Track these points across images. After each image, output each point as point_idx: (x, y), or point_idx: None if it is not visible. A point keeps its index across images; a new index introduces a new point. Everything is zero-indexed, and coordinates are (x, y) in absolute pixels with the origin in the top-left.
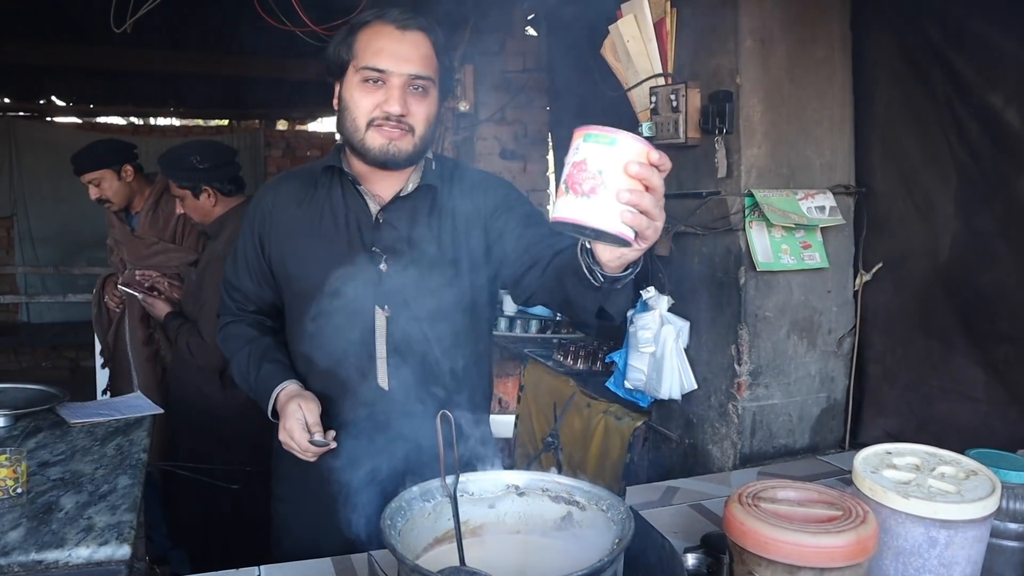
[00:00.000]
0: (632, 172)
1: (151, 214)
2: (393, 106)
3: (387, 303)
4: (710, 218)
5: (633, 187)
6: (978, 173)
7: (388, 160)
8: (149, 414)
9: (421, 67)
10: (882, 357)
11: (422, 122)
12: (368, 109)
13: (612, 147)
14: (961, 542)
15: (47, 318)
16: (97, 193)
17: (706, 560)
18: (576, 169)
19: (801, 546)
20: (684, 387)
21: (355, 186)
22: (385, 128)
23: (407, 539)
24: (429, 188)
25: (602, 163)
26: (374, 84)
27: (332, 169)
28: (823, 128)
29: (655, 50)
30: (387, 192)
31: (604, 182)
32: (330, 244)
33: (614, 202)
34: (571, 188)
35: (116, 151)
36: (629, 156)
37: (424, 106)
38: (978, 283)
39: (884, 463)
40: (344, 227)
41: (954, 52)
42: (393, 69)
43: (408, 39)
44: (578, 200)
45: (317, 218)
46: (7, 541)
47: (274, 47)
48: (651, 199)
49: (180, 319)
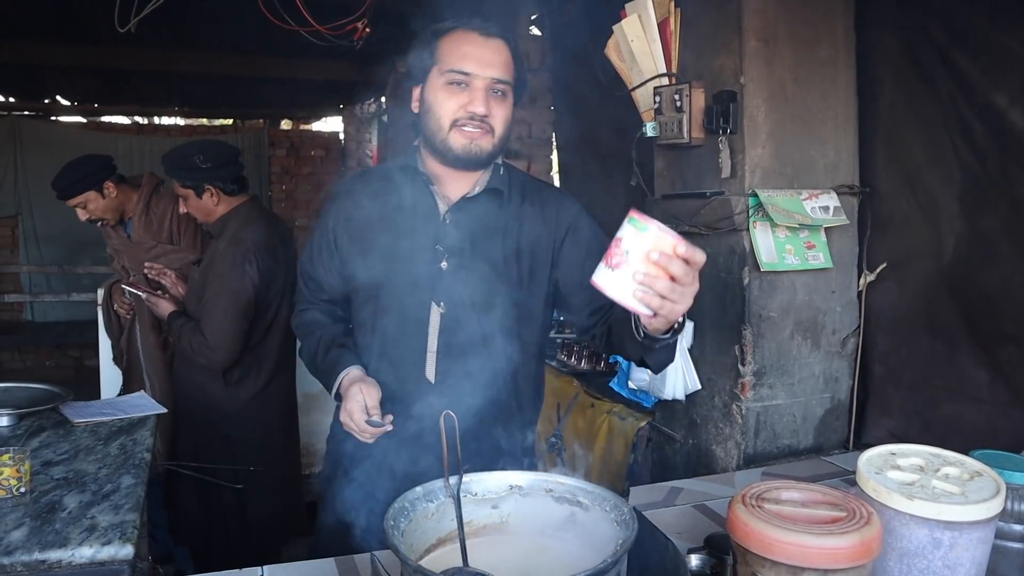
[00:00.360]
0: (653, 259)
1: (143, 217)
2: (478, 106)
3: (443, 300)
4: (714, 218)
5: (650, 271)
6: (982, 173)
7: (470, 159)
8: (153, 413)
9: (502, 72)
10: (886, 357)
11: (501, 124)
12: (453, 110)
13: (643, 233)
14: (965, 544)
15: (51, 317)
16: (87, 215)
17: (709, 561)
18: (614, 244)
19: (805, 547)
20: (688, 387)
21: (427, 186)
22: (467, 128)
23: (410, 539)
24: (495, 192)
25: (631, 245)
26: (459, 87)
27: (407, 169)
28: (827, 128)
29: (659, 50)
30: (456, 193)
31: (628, 261)
32: (397, 240)
33: (631, 280)
34: (606, 259)
35: (93, 172)
36: (654, 245)
37: (503, 109)
38: (982, 283)
39: (888, 464)
40: (412, 224)
41: (958, 52)
42: (477, 72)
43: (491, 45)
44: (606, 271)
45: (388, 214)
46: (10, 540)
47: (278, 47)
48: (666, 285)
49: (184, 318)
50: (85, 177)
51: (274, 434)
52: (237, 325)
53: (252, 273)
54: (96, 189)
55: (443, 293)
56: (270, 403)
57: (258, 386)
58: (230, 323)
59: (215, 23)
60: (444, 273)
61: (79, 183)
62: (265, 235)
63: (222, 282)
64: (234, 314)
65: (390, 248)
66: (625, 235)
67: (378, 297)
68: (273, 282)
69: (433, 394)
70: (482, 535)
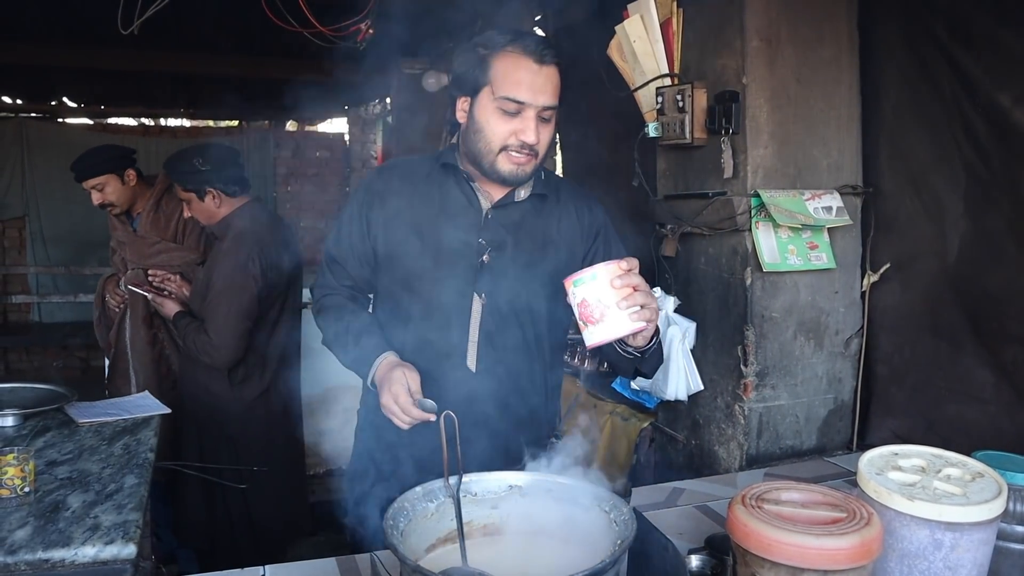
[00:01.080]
0: (617, 285)
1: (153, 214)
2: (530, 136)
3: (485, 291)
4: (716, 218)
5: (623, 294)
6: (987, 173)
7: (515, 181)
8: (156, 414)
9: (552, 98)
10: (890, 358)
11: (545, 146)
12: (504, 136)
13: (595, 280)
14: (967, 545)
15: (58, 318)
16: (100, 198)
17: (710, 562)
18: (583, 308)
19: (804, 548)
20: (690, 388)
21: (469, 183)
22: (516, 155)
23: (410, 540)
24: (540, 196)
25: (596, 294)
26: (512, 115)
27: (447, 166)
28: (830, 128)
29: (661, 50)
30: (497, 192)
31: (605, 305)
32: (440, 233)
33: (619, 312)
34: (588, 322)
35: (119, 156)
36: (609, 278)
37: (548, 132)
38: (987, 283)
39: (889, 465)
40: (453, 219)
41: (962, 51)
42: (531, 102)
43: (544, 73)
44: (598, 326)
45: (428, 208)
46: (14, 539)
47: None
48: (641, 295)
49: (189, 318)
50: (109, 160)
51: (278, 434)
52: (240, 324)
53: (255, 272)
54: (117, 173)
55: (485, 285)
56: (274, 402)
57: (262, 385)
58: (233, 322)
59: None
60: (487, 266)
61: (101, 165)
62: (267, 235)
63: (225, 282)
64: (237, 314)
65: (432, 239)
66: (585, 294)
67: (419, 286)
68: (276, 281)
69: (474, 382)
70: (482, 535)
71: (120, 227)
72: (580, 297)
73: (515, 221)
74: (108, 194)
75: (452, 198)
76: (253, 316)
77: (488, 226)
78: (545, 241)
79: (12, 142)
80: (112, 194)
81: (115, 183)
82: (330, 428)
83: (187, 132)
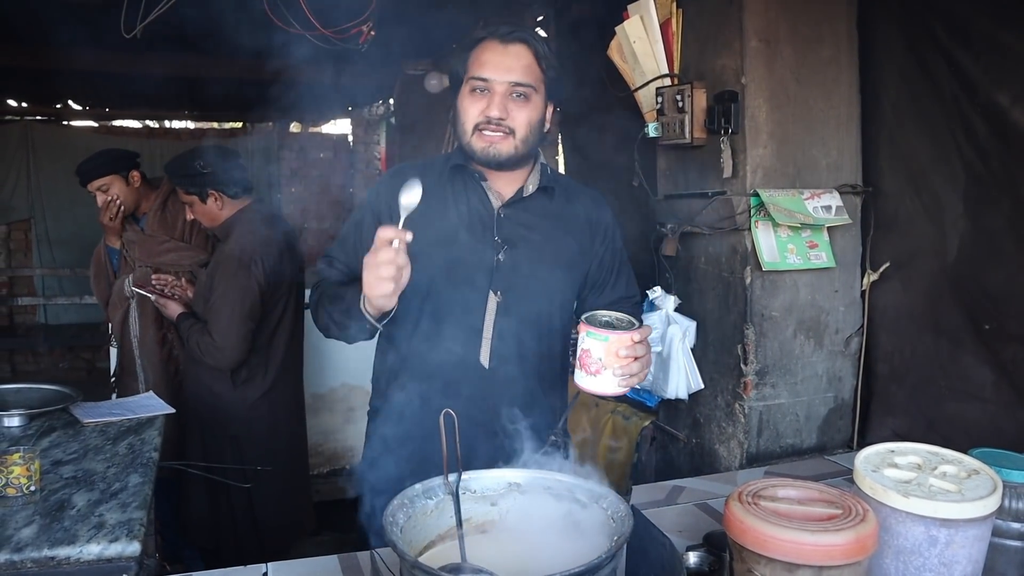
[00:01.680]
0: (621, 355)
1: (159, 214)
2: (493, 110)
3: (500, 288)
4: (716, 218)
5: (622, 364)
6: (986, 172)
7: (489, 161)
8: (161, 413)
9: (521, 75)
10: (890, 357)
11: (523, 125)
12: (475, 115)
13: (605, 342)
14: (962, 541)
15: (64, 319)
16: (104, 199)
17: (708, 558)
18: (584, 356)
19: (800, 544)
20: (691, 387)
21: (479, 182)
22: (486, 132)
23: (409, 536)
24: (548, 190)
25: (600, 352)
26: (480, 93)
27: (458, 166)
28: (829, 128)
29: (661, 51)
30: (507, 190)
31: (604, 365)
32: (455, 232)
33: (612, 377)
34: (583, 368)
35: (123, 158)
36: (617, 346)
37: (525, 111)
38: (986, 282)
39: (886, 462)
40: (468, 219)
41: (961, 51)
42: (495, 78)
43: (511, 51)
44: (590, 378)
45: (443, 208)
46: (20, 538)
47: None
48: (638, 365)
49: (192, 319)
50: (113, 161)
51: (281, 433)
52: (243, 326)
53: (258, 274)
54: (121, 175)
55: (500, 282)
56: (277, 402)
57: (265, 386)
58: (236, 324)
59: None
60: (502, 263)
61: (105, 166)
62: (270, 236)
63: (228, 284)
64: (240, 315)
65: (448, 239)
66: (591, 347)
67: (435, 286)
68: (279, 282)
69: (488, 379)
70: (481, 532)
71: (129, 228)
72: (586, 346)
73: (527, 218)
74: (112, 195)
75: (465, 198)
76: (256, 317)
77: (502, 224)
78: (556, 236)
79: (18, 145)
80: (117, 195)
81: (120, 184)
82: (333, 428)
83: (191, 134)
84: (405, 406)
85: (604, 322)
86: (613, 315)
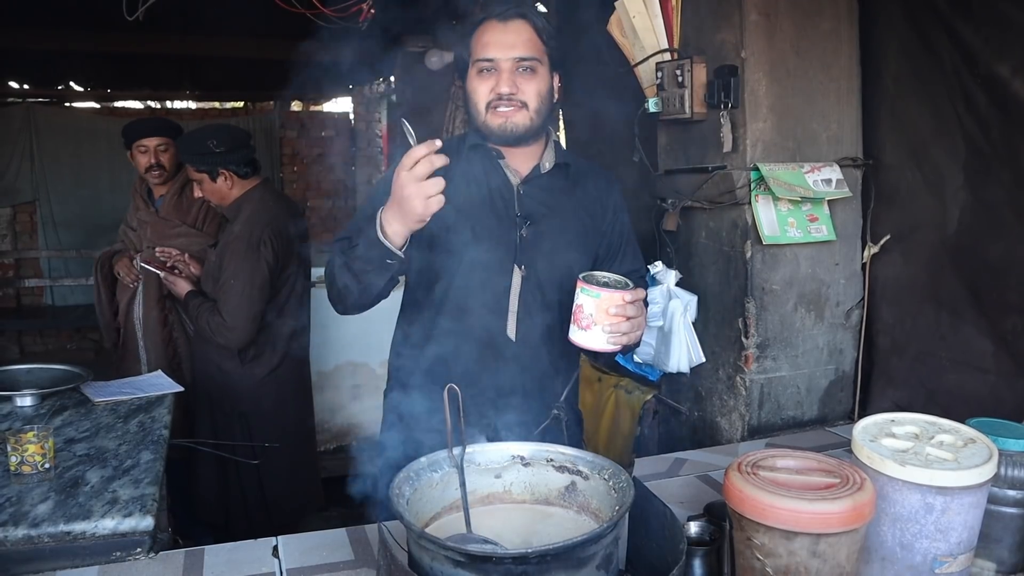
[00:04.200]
0: (612, 312)
1: (176, 198)
2: (503, 87)
3: (524, 263)
4: (716, 192)
5: (612, 322)
6: (986, 144)
7: (508, 136)
8: (170, 392)
9: (525, 50)
10: (891, 329)
11: (534, 97)
12: (485, 94)
13: (597, 299)
14: (957, 508)
15: (71, 301)
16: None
17: (709, 528)
18: (578, 310)
19: (798, 512)
20: (692, 360)
21: (497, 160)
22: (500, 109)
23: (415, 508)
24: (564, 166)
25: (592, 308)
26: (488, 72)
27: (475, 146)
28: (830, 101)
29: (661, 25)
30: (524, 167)
31: (594, 321)
32: (477, 209)
33: (602, 333)
34: (576, 323)
35: (178, 127)
36: (608, 304)
37: (534, 83)
38: (987, 254)
39: (884, 432)
40: (488, 196)
41: (962, 22)
42: (500, 56)
43: (511, 28)
44: (581, 331)
45: (463, 187)
46: (37, 513)
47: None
48: (628, 324)
49: (200, 298)
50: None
51: (289, 410)
52: (254, 306)
53: (267, 255)
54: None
55: (524, 257)
56: (285, 379)
57: (272, 363)
58: (247, 304)
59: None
60: (525, 239)
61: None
62: (278, 217)
63: (238, 264)
64: (250, 296)
65: (470, 217)
66: (584, 302)
67: (459, 263)
68: (287, 262)
69: (514, 350)
70: (485, 504)
71: (143, 206)
72: (580, 301)
73: (545, 193)
74: (164, 158)
75: (484, 177)
76: (266, 297)
77: (522, 200)
78: (572, 212)
79: (20, 127)
80: (167, 160)
81: (173, 149)
82: (338, 405)
83: (192, 114)
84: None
85: (601, 281)
86: (611, 276)
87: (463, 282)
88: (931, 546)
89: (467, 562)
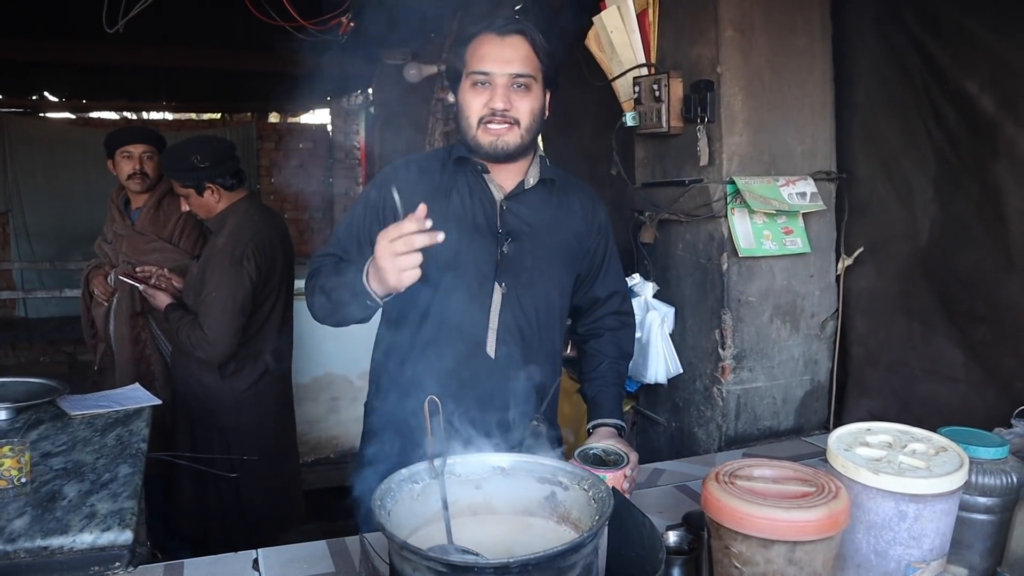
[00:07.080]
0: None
1: (153, 212)
2: (497, 102)
3: (505, 280)
4: (693, 205)
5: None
6: (955, 158)
7: (498, 154)
8: (148, 405)
9: (521, 66)
10: (865, 339)
11: (527, 114)
12: (478, 109)
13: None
14: (930, 515)
15: (44, 313)
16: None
17: (687, 537)
18: None
19: (774, 521)
20: (670, 371)
21: (482, 175)
22: (491, 126)
23: (397, 519)
24: (548, 182)
25: None
26: (482, 86)
27: (460, 159)
28: (804, 115)
29: (638, 41)
30: (508, 183)
31: None
32: (460, 224)
33: None
34: None
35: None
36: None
37: (527, 101)
38: (956, 266)
39: (858, 441)
40: (471, 210)
41: (931, 39)
42: (496, 70)
43: (508, 43)
44: None
45: (446, 200)
46: (13, 528)
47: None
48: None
49: (181, 311)
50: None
51: (269, 424)
52: (235, 320)
53: (250, 269)
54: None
55: (505, 274)
56: (266, 394)
57: (253, 377)
58: (228, 319)
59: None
60: (506, 256)
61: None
62: (262, 231)
63: (221, 278)
64: (232, 310)
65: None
66: None
67: (440, 278)
68: (270, 277)
69: (493, 368)
70: (466, 514)
71: (119, 218)
72: None
73: (529, 210)
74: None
75: (467, 191)
76: (247, 312)
77: (504, 216)
78: (556, 228)
79: None
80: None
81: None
82: (317, 417)
83: (169, 125)
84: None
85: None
86: (604, 449)
87: (444, 297)
88: (905, 553)
89: (448, 572)
